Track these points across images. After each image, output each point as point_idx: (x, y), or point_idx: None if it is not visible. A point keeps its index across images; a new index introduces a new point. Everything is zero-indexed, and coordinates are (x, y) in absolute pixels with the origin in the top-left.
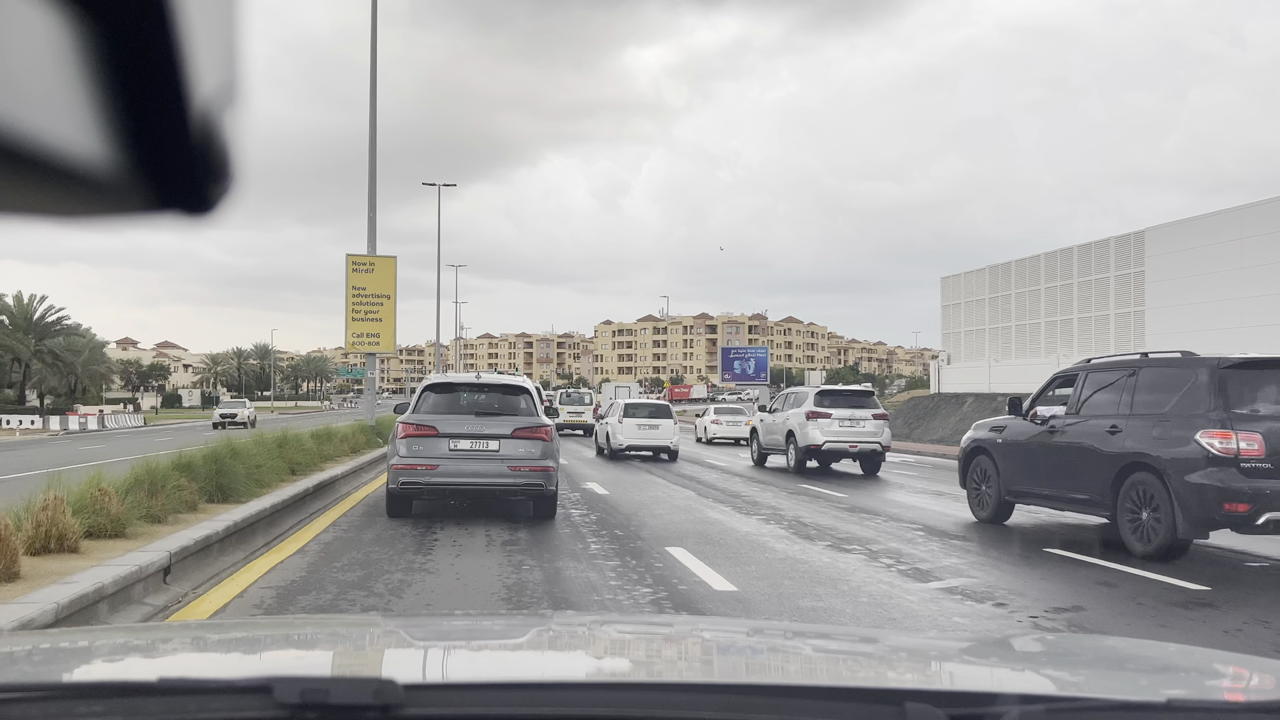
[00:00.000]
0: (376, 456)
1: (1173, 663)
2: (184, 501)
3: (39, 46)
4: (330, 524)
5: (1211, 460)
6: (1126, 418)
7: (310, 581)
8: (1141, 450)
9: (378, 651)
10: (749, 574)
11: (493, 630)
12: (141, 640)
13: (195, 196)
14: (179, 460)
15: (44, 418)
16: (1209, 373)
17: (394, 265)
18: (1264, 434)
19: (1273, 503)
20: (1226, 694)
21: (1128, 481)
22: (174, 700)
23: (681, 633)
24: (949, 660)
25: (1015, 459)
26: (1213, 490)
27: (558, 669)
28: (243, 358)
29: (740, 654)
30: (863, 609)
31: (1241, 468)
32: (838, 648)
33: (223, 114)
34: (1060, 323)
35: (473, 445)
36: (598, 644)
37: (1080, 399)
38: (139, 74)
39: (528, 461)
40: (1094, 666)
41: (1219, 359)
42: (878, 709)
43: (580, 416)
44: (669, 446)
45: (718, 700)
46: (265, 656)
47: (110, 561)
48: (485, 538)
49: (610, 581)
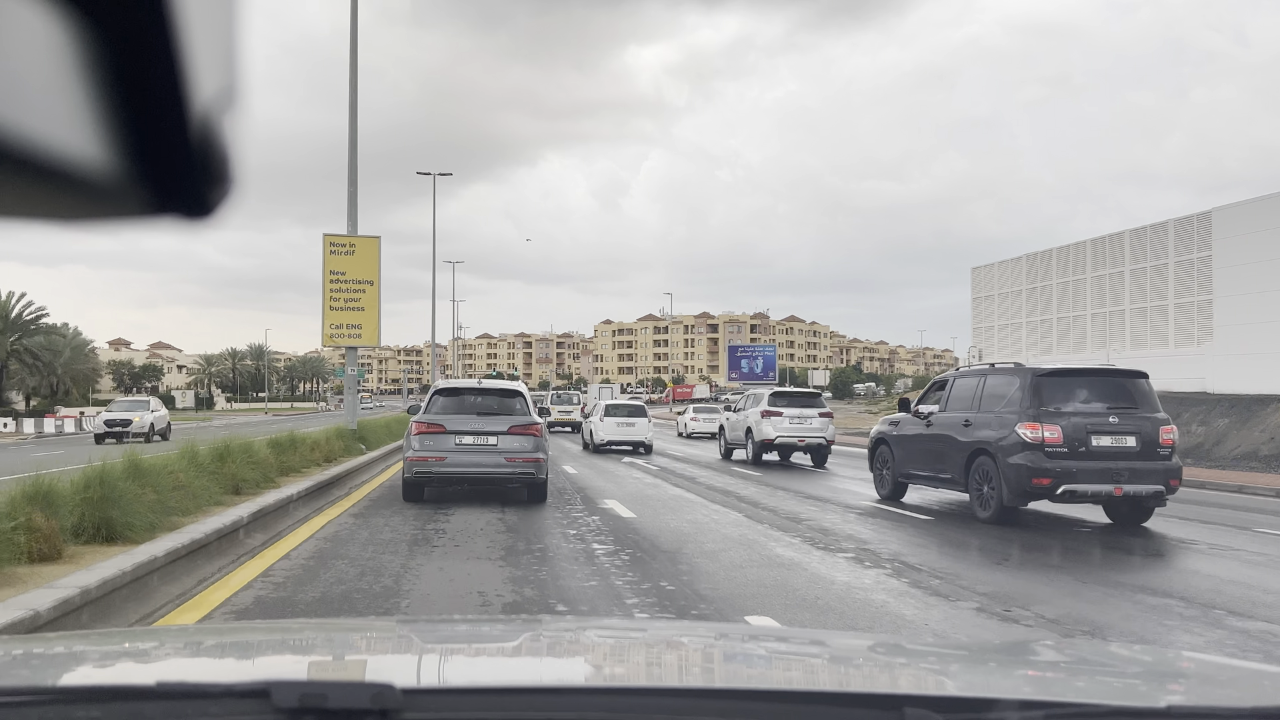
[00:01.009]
0: (357, 466)
1: (1172, 669)
2: (25, 549)
3: (39, 50)
4: (261, 573)
5: (1025, 446)
6: (976, 414)
7: None
8: (983, 439)
9: (376, 656)
10: (651, 510)
11: (491, 634)
12: (139, 644)
13: (194, 200)
14: (35, 490)
15: (17, 420)
16: (1030, 379)
17: (377, 247)
18: (1063, 426)
19: (1067, 478)
20: (1226, 701)
21: (974, 464)
22: (171, 704)
23: (681, 638)
24: (948, 666)
25: (905, 447)
26: (1025, 469)
27: (556, 674)
28: (237, 358)
29: (740, 659)
30: (753, 546)
31: (1046, 451)
32: (837, 653)
33: (222, 118)
34: (1110, 315)
35: (475, 440)
36: (596, 648)
37: (947, 399)
38: (138, 77)
39: (521, 454)
40: (1094, 673)
41: (1036, 369)
42: (877, 714)
43: (569, 415)
44: (644, 441)
45: (718, 705)
46: (263, 660)
47: None
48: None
49: (572, 513)
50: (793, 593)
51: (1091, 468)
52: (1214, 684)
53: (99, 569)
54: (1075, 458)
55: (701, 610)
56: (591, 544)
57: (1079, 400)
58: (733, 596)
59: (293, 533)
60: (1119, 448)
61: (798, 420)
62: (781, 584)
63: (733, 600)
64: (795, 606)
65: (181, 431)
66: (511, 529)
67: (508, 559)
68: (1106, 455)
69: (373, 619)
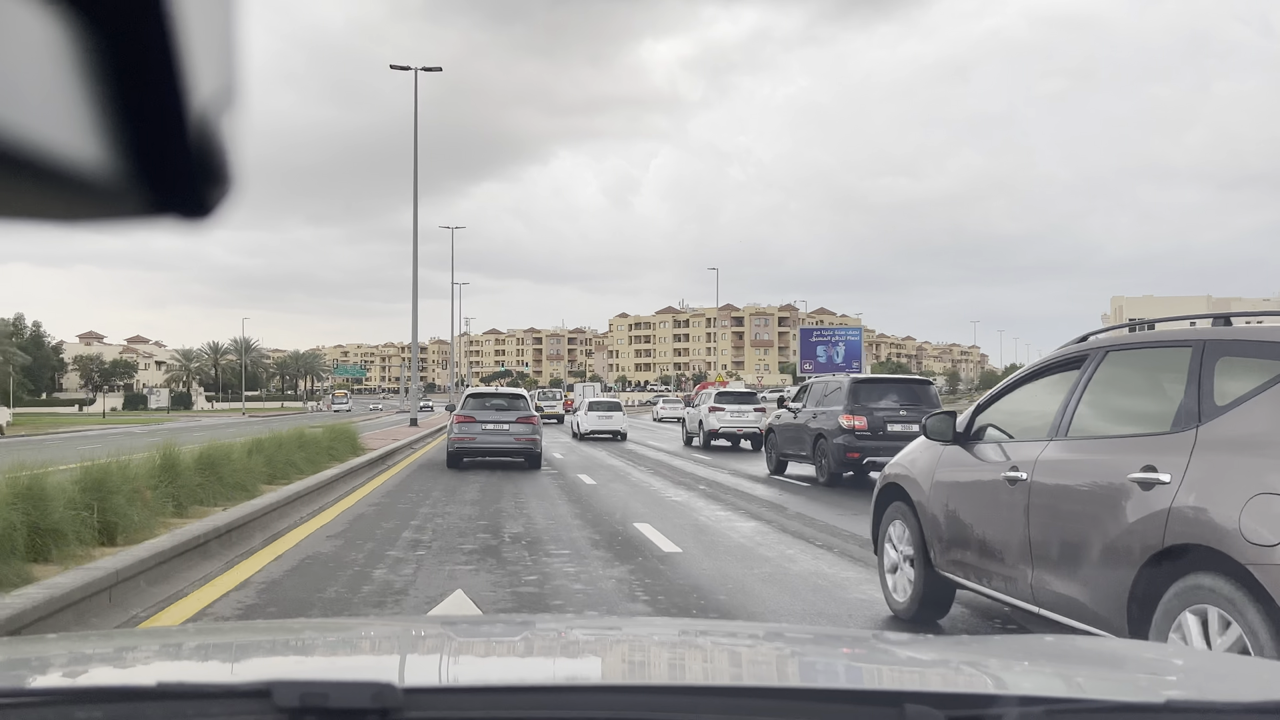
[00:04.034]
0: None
1: (1171, 663)
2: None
3: (35, 49)
4: None
5: (843, 431)
6: (819, 409)
7: None
8: (821, 426)
9: (377, 654)
10: (610, 478)
11: (493, 632)
12: (139, 644)
13: (193, 201)
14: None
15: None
16: (849, 384)
17: None
18: (868, 417)
19: (870, 453)
20: (1225, 695)
21: (817, 444)
22: (172, 704)
23: (682, 636)
24: (948, 661)
25: (781, 434)
26: (842, 446)
27: (559, 672)
28: (219, 353)
29: (740, 656)
30: (652, 491)
31: (856, 434)
32: (837, 650)
33: (221, 117)
34: None
35: (494, 426)
36: (596, 646)
37: (806, 398)
38: (136, 77)
39: (524, 436)
40: (1093, 667)
41: (855, 377)
42: (876, 710)
43: (553, 409)
44: (620, 430)
45: (718, 703)
46: (263, 660)
47: None
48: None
49: (540, 480)
50: (673, 516)
51: (887, 446)
52: (1213, 678)
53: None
54: (876, 439)
55: (591, 506)
56: (557, 501)
57: (882, 400)
58: (625, 513)
59: None
60: (907, 433)
61: (736, 413)
62: (664, 513)
63: (625, 514)
64: (674, 524)
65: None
66: (512, 480)
67: (503, 496)
68: (898, 438)
69: (373, 618)
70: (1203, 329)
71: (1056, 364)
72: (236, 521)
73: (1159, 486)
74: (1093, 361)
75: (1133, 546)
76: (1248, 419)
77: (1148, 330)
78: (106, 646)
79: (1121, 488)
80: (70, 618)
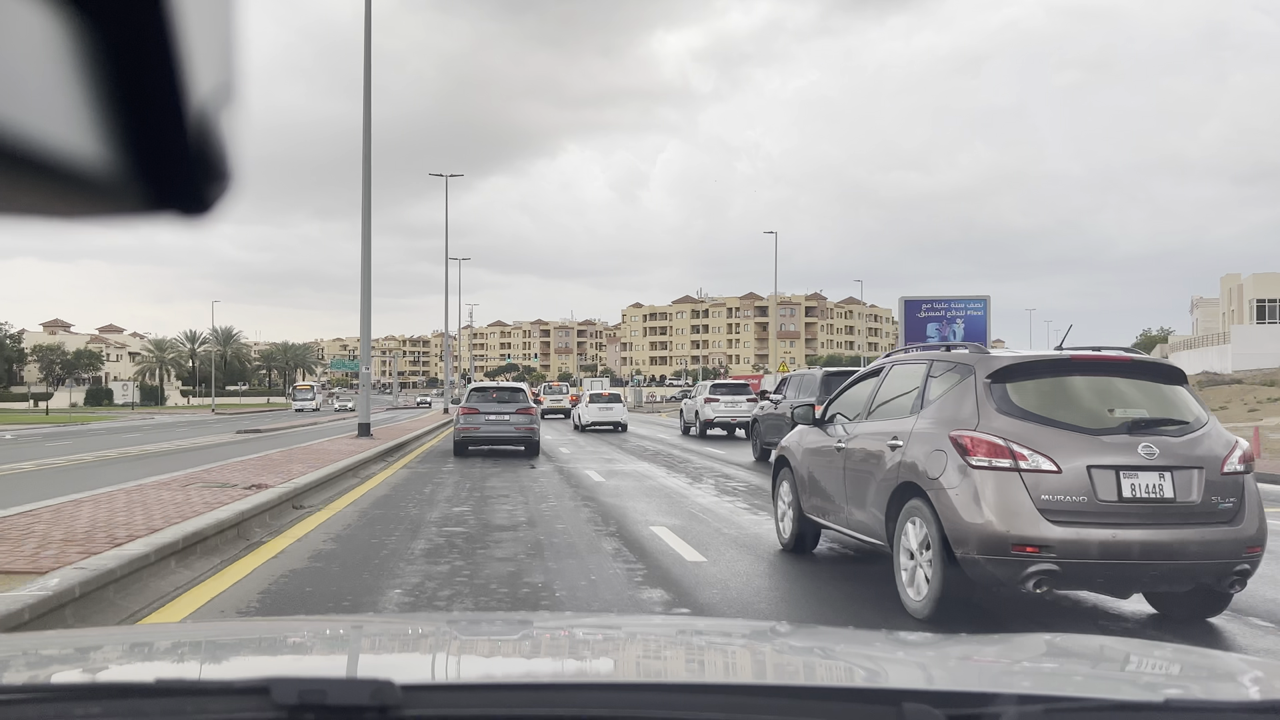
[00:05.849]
0: None
1: (1170, 663)
2: None
3: (34, 46)
4: None
5: (778, 418)
6: (796, 398)
7: None
8: (766, 413)
9: (375, 652)
10: (599, 467)
11: (490, 630)
12: (138, 641)
13: (191, 197)
14: None
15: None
16: (821, 375)
17: None
18: (789, 408)
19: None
20: (1224, 694)
21: (754, 426)
22: (171, 701)
23: (680, 633)
24: (946, 660)
25: (765, 424)
26: (773, 431)
27: (556, 670)
28: (196, 342)
29: (739, 654)
30: (643, 478)
31: (787, 420)
32: (836, 648)
33: (220, 113)
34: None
35: (495, 417)
36: (595, 644)
37: (786, 390)
38: (135, 73)
39: (523, 426)
40: (1092, 666)
41: (826, 370)
42: (875, 709)
43: (559, 403)
44: (620, 422)
45: (715, 701)
46: (262, 657)
47: None
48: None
49: (539, 467)
50: (657, 495)
51: None
52: (1212, 677)
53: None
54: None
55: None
56: (543, 481)
57: (795, 391)
58: (615, 495)
59: None
60: None
61: (730, 404)
62: (648, 490)
63: (610, 495)
64: (660, 505)
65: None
66: (510, 462)
67: (503, 472)
68: None
69: (372, 615)
70: (932, 353)
71: (872, 371)
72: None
73: (898, 449)
74: (885, 370)
75: (886, 486)
76: (938, 408)
77: (917, 352)
78: (105, 643)
79: (882, 451)
80: None
